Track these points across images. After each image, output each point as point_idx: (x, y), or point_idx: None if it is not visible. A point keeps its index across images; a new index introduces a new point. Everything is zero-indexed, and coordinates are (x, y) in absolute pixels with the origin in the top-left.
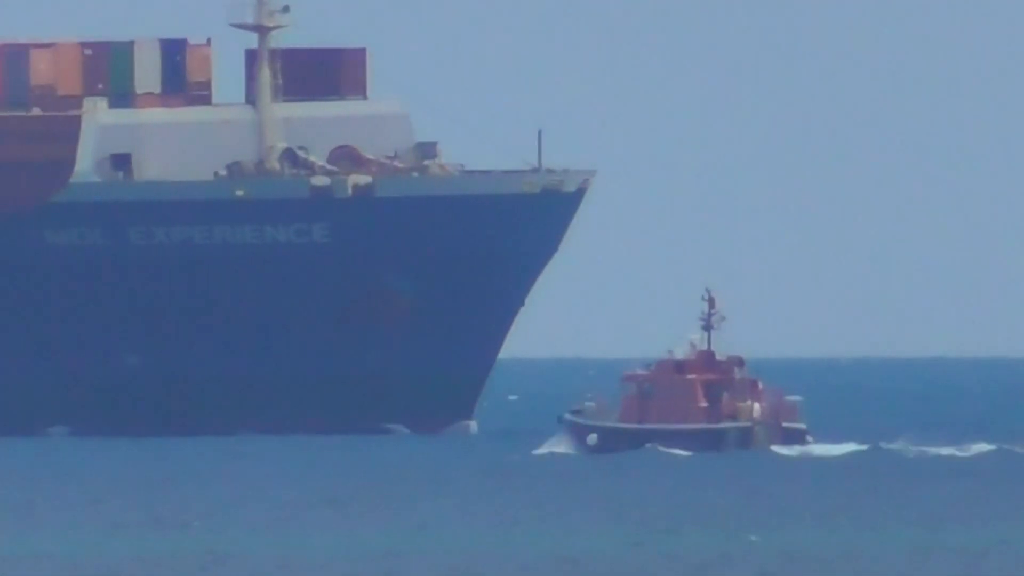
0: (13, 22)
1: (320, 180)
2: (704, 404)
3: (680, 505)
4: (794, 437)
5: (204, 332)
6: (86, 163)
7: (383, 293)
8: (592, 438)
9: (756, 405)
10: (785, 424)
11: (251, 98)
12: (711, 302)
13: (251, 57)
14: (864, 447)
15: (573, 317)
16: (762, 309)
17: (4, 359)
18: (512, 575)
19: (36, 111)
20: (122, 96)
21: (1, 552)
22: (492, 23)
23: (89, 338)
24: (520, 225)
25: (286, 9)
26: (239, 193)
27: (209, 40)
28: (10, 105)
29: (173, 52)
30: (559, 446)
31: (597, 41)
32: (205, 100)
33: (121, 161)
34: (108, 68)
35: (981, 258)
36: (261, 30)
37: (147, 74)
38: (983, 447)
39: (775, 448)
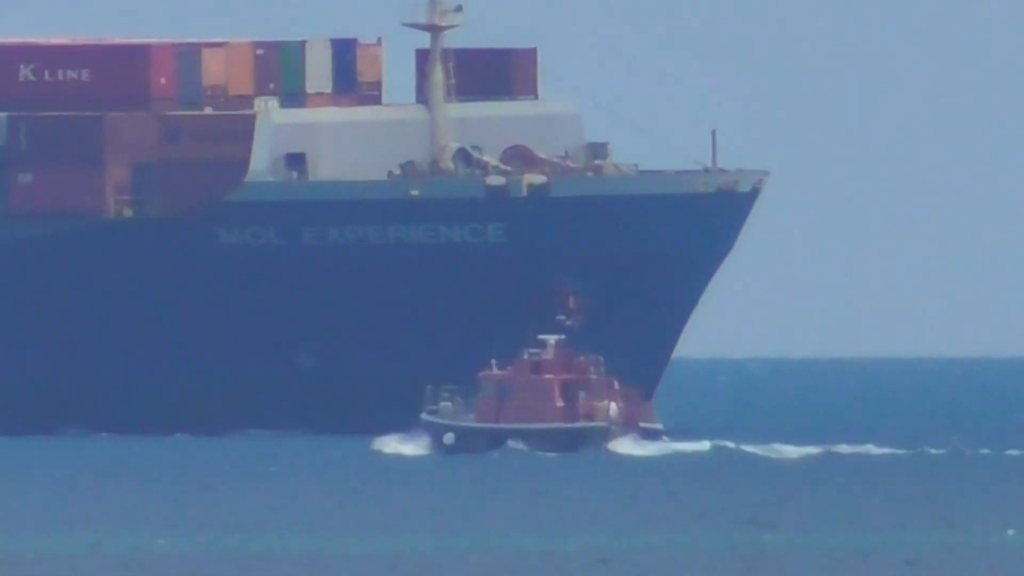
0: (186, 22)
1: (495, 180)
2: (560, 404)
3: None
4: (650, 437)
5: (378, 332)
6: (260, 162)
7: (558, 293)
8: (449, 437)
9: (612, 405)
10: (641, 424)
11: (422, 98)
12: (570, 301)
13: (421, 57)
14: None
15: (747, 317)
16: (936, 305)
17: (177, 359)
18: None
19: (208, 110)
20: (293, 96)
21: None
22: (663, 23)
23: (262, 339)
24: (695, 225)
25: (459, 8)
26: (414, 193)
27: (379, 40)
28: (183, 104)
29: (344, 52)
30: (409, 445)
31: (771, 41)
32: (375, 100)
33: (296, 160)
34: (279, 68)
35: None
36: (434, 29)
37: (318, 74)
38: (803, 450)
39: (628, 447)
